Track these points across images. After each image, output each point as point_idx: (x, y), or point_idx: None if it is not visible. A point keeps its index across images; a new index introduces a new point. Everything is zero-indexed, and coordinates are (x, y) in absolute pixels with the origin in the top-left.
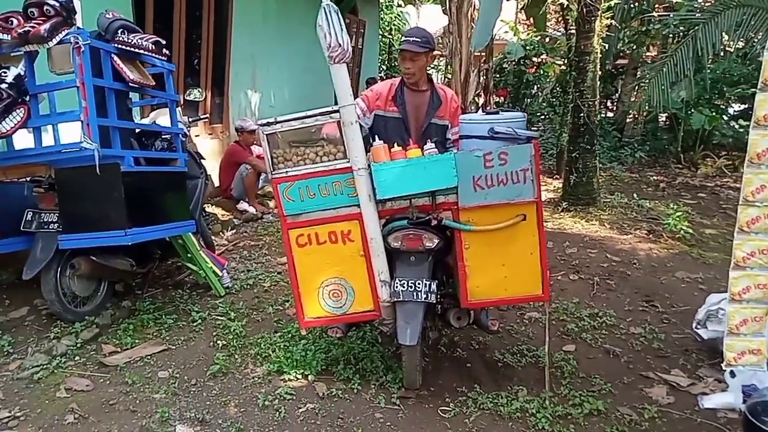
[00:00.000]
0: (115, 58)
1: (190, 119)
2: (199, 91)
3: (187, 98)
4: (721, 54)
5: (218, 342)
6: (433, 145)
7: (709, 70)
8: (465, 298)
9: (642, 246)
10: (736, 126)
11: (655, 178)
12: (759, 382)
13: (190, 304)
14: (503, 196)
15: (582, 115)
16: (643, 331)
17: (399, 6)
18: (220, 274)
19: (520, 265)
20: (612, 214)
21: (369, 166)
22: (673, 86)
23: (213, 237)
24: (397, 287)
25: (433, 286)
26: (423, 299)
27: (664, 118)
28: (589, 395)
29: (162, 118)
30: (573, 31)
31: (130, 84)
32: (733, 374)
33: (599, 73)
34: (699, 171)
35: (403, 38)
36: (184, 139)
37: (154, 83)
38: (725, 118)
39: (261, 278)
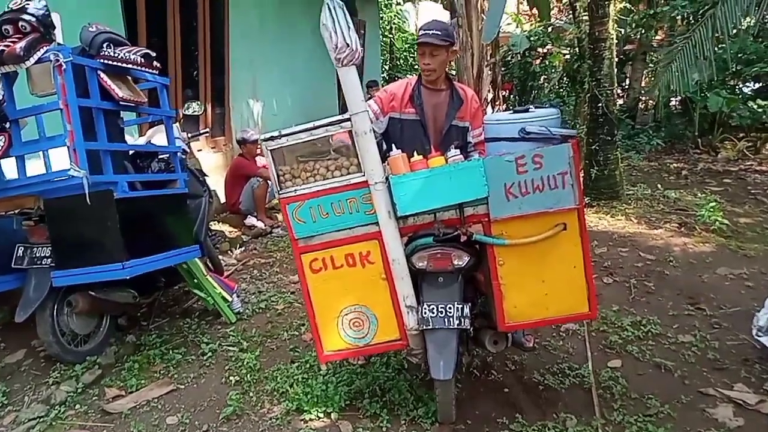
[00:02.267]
0: (102, 74)
1: (190, 135)
2: (197, 104)
3: (186, 113)
4: (734, 33)
5: (231, 378)
6: (458, 151)
7: (722, 50)
8: (502, 321)
9: (675, 241)
10: (754, 106)
11: (675, 165)
12: None
13: (199, 335)
14: (540, 205)
15: (600, 105)
16: (694, 339)
17: (398, 4)
18: (230, 299)
19: (562, 280)
20: (637, 207)
21: (387, 179)
22: (690, 69)
23: (221, 256)
24: (425, 313)
25: (466, 310)
26: (456, 325)
27: (675, 103)
28: (646, 420)
29: (159, 136)
30: (584, 18)
31: (120, 102)
32: None
33: (615, 60)
34: (719, 155)
35: (421, 31)
36: (183, 156)
37: (146, 100)
38: (741, 98)
39: (273, 300)
